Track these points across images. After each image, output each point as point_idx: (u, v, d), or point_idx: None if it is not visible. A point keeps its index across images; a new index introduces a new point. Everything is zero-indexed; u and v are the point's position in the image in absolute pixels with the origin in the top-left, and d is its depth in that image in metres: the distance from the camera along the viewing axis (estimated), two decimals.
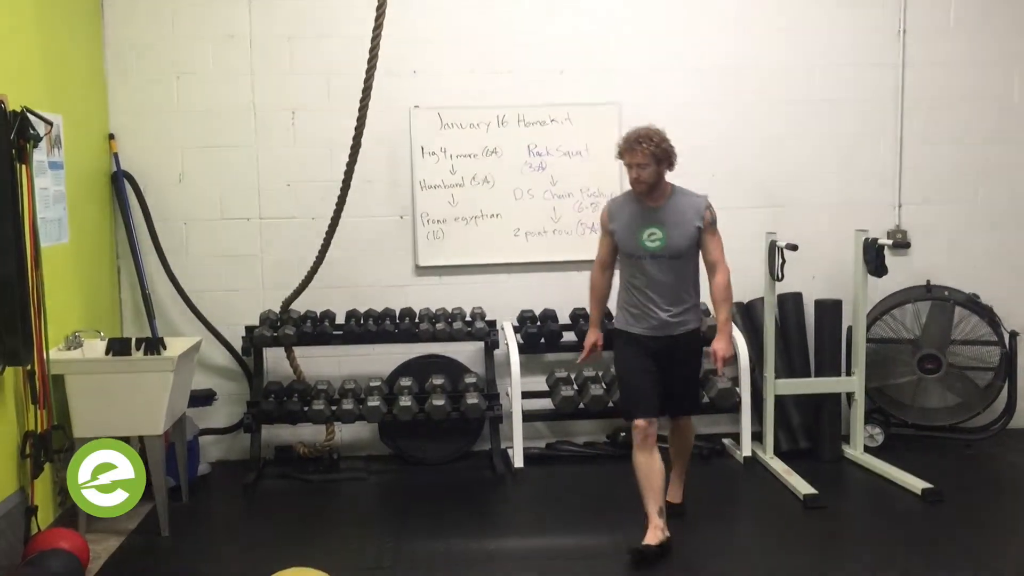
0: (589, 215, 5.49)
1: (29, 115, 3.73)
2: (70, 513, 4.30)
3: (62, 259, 4.38)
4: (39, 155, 4.04)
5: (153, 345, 4.48)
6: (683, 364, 4.09)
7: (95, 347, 4.44)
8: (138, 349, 4.46)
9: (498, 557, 4.05)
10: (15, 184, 3.61)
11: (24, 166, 3.74)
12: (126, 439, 4.37)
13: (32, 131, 3.75)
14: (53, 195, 4.31)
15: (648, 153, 3.88)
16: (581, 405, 5.12)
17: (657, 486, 3.94)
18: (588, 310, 4.40)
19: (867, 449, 5.22)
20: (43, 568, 3.42)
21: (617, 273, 4.21)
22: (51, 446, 3.91)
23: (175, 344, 4.54)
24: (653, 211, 3.99)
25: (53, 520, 4.18)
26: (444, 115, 5.39)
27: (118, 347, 4.43)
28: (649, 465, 3.93)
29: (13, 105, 3.70)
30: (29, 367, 3.79)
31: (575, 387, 5.18)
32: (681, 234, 3.97)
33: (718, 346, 3.96)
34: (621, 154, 3.99)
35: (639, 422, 3.95)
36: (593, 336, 4.29)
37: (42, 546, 3.68)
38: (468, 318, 5.28)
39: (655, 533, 3.89)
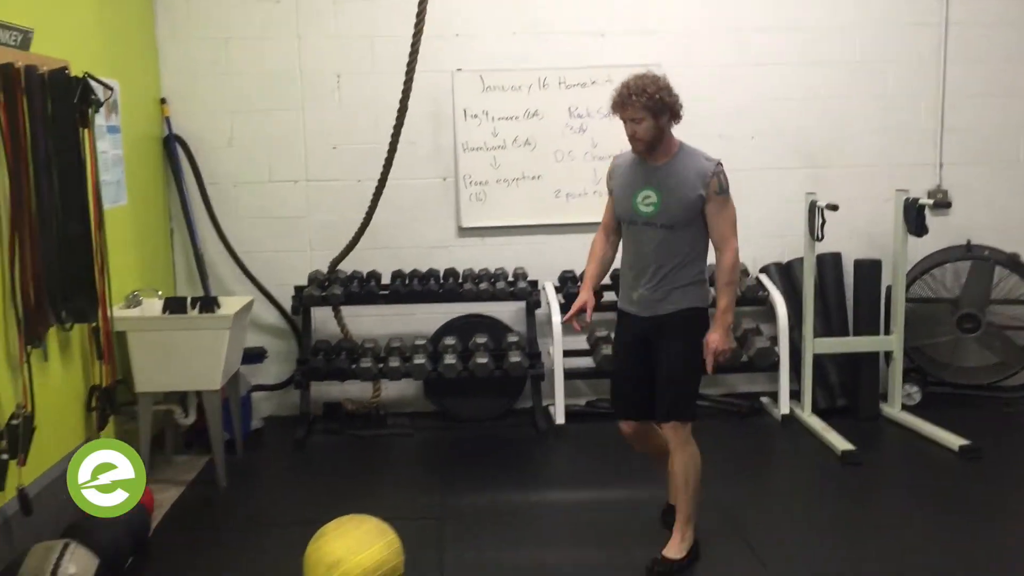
0: None
1: (91, 81, 3.85)
2: None
3: (121, 220, 4.53)
4: (99, 119, 4.17)
5: (208, 304, 4.63)
6: (664, 351, 3.43)
7: (153, 306, 4.60)
8: (193, 307, 4.60)
9: (541, 509, 4.19)
10: (80, 148, 3.74)
11: (87, 130, 3.87)
12: (183, 394, 4.60)
13: (93, 96, 3.88)
14: (112, 158, 4.45)
15: (641, 106, 3.33)
16: None
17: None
18: None
19: (904, 407, 5.29)
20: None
21: None
22: (115, 400, 4.10)
23: (229, 303, 4.69)
24: (653, 171, 3.44)
25: None
26: (486, 78, 5.45)
27: (174, 305, 4.58)
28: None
29: (75, 71, 3.82)
30: (94, 324, 3.96)
31: None
32: (678, 201, 3.37)
33: (711, 338, 3.39)
34: (614, 108, 3.46)
35: (620, 425, 3.66)
36: (582, 298, 3.59)
37: None
38: (510, 278, 5.39)
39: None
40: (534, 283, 5.39)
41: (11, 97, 3.25)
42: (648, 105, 3.33)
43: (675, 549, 3.50)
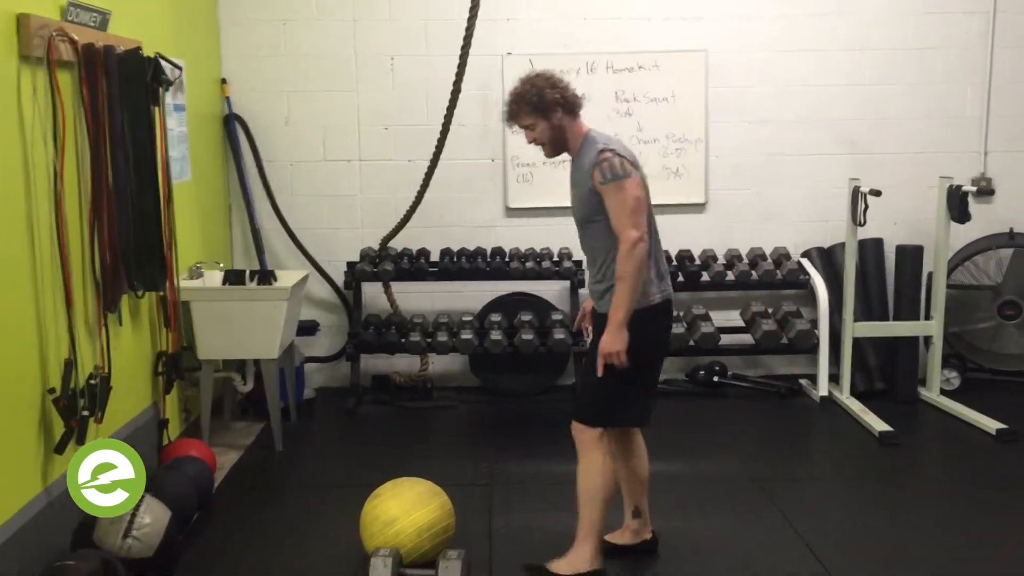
0: (674, 160, 5.67)
1: (161, 60, 4.04)
2: (193, 429, 4.72)
3: (185, 195, 4.72)
4: (166, 98, 4.36)
5: (265, 276, 4.83)
6: (592, 348, 3.27)
7: (214, 277, 4.80)
8: (251, 280, 4.81)
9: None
10: (151, 125, 3.93)
11: (157, 108, 4.06)
12: (241, 363, 4.80)
13: (164, 75, 4.06)
14: (177, 135, 4.64)
15: (527, 112, 3.23)
16: None
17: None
18: None
19: (943, 392, 5.35)
20: (181, 472, 3.81)
21: None
22: (181, 365, 4.30)
23: (286, 276, 4.89)
24: (572, 167, 3.33)
25: (179, 433, 4.60)
26: (535, 62, 5.53)
27: (234, 278, 4.79)
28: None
29: (147, 51, 4.01)
30: (162, 293, 4.16)
31: None
32: (577, 198, 3.28)
33: (603, 340, 3.11)
34: (507, 122, 3.38)
35: None
36: (584, 306, 3.52)
37: (176, 453, 4.09)
38: (555, 258, 5.52)
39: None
40: (578, 263, 5.51)
41: (92, 75, 3.43)
42: (532, 108, 3.22)
43: (563, 564, 3.27)
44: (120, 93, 3.64)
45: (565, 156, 5.38)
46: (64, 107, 3.25)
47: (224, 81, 5.48)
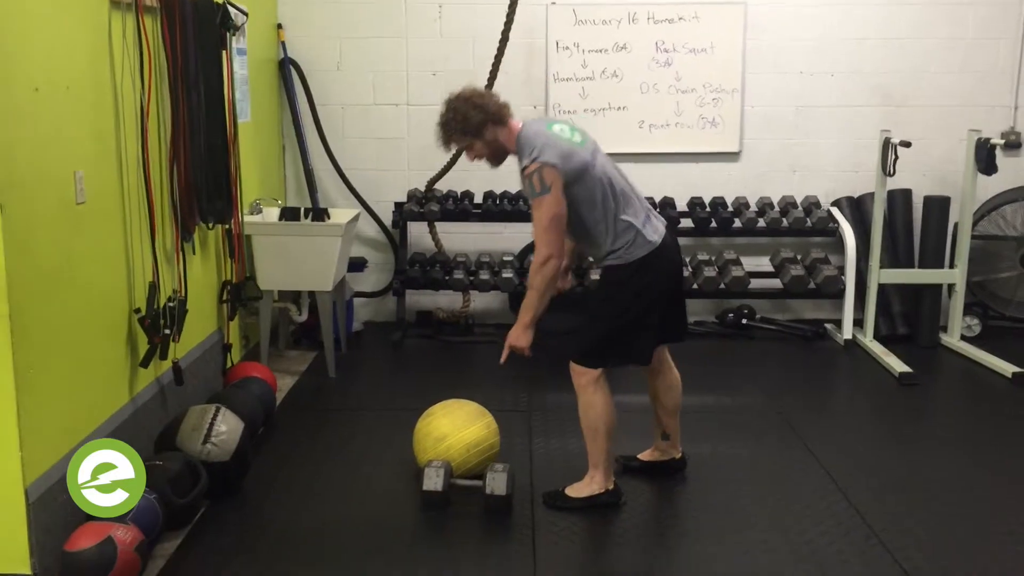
0: (711, 110, 5.85)
1: (229, 6, 4.29)
2: (252, 354, 5.06)
3: (245, 135, 4.99)
4: (232, 42, 4.61)
5: (319, 214, 5.13)
6: (591, 296, 3.48)
7: (272, 213, 5.10)
8: (306, 217, 5.10)
9: (617, 409, 4.61)
10: (221, 68, 4.20)
11: (224, 52, 4.32)
12: (297, 294, 5.11)
13: (231, 21, 4.32)
14: (239, 78, 4.90)
15: (457, 138, 3.36)
16: (695, 285, 5.58)
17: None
18: None
19: (963, 338, 5.57)
20: (248, 390, 4.15)
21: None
22: (244, 294, 4.62)
23: (338, 214, 5.17)
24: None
25: (240, 357, 4.93)
26: (579, 11, 5.76)
27: (289, 214, 5.08)
28: None
29: None
30: (227, 226, 4.46)
31: (690, 268, 5.65)
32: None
33: (511, 333, 3.46)
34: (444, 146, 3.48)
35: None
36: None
37: (241, 374, 4.42)
38: None
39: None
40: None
41: (171, 20, 3.69)
42: (462, 133, 3.33)
43: (578, 488, 3.53)
44: (194, 37, 3.90)
45: (607, 104, 5.53)
46: (150, 49, 3.51)
47: (280, 26, 5.72)
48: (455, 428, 3.67)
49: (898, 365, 5.05)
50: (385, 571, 3.10)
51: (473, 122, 3.30)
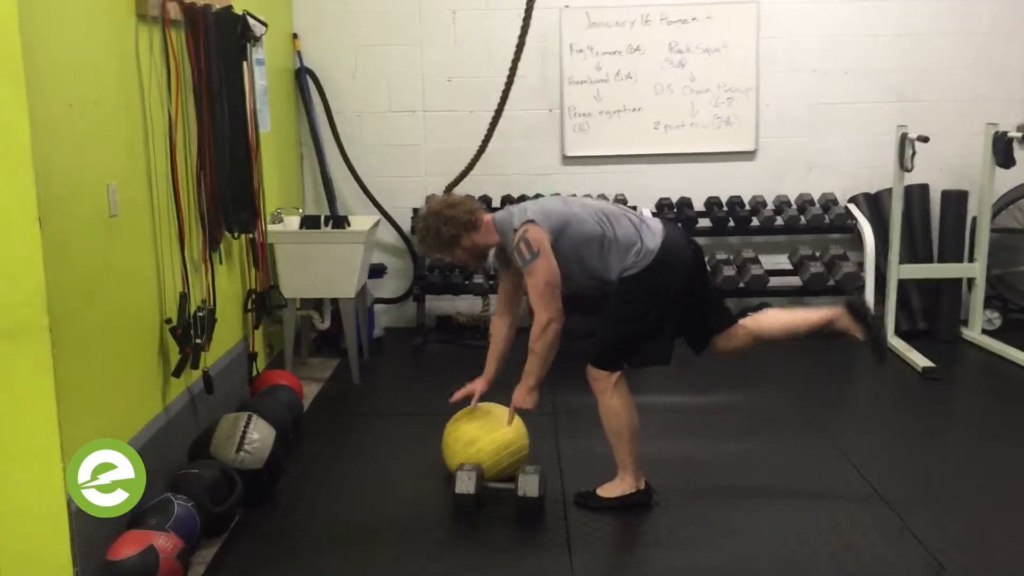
0: (725, 110, 5.87)
1: (249, 18, 4.32)
2: (276, 362, 5.09)
3: (266, 145, 5.02)
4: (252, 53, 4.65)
5: (339, 222, 5.15)
6: (609, 304, 3.57)
7: (293, 222, 5.13)
8: (326, 225, 5.13)
9: (643, 409, 4.53)
10: (242, 79, 4.23)
11: (245, 63, 4.35)
12: (319, 302, 5.14)
13: (251, 32, 4.35)
14: (260, 88, 4.93)
15: (437, 249, 3.53)
16: (715, 285, 5.59)
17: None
18: None
19: (984, 332, 5.57)
20: (276, 398, 4.18)
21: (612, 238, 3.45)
22: (269, 302, 4.65)
23: (359, 221, 5.20)
24: (502, 252, 3.57)
25: (265, 366, 4.96)
26: (592, 14, 5.79)
27: (310, 223, 5.11)
28: None
29: (236, 9, 4.29)
30: (252, 236, 4.49)
31: (709, 268, 5.65)
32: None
33: (516, 395, 3.59)
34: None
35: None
36: (474, 387, 3.90)
37: (268, 382, 4.45)
38: None
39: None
40: (633, 207, 5.75)
41: (195, 32, 3.72)
42: (439, 246, 3.48)
43: (610, 488, 3.55)
44: (217, 49, 3.93)
45: (621, 106, 5.58)
46: (177, 62, 3.55)
47: (295, 36, 5.76)
48: (485, 431, 3.70)
49: (920, 360, 5.05)
50: (422, 574, 3.12)
51: (445, 236, 3.42)
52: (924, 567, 3.07)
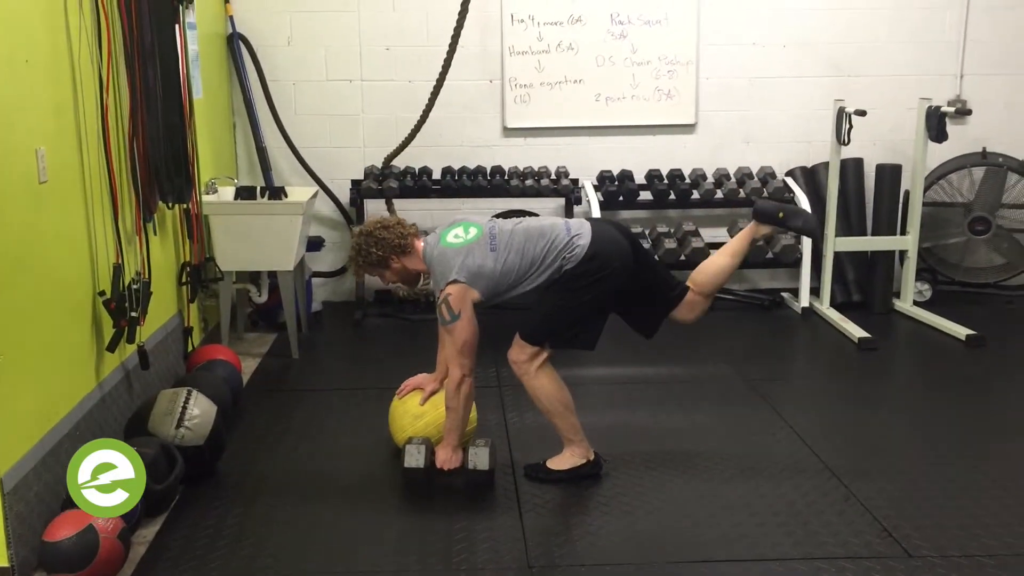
0: (666, 82, 5.87)
1: None
2: (212, 337, 4.94)
3: (198, 113, 4.83)
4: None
5: (275, 193, 5.01)
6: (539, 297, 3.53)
7: (227, 193, 4.97)
8: (262, 196, 4.98)
9: (587, 382, 4.60)
10: (175, 42, 4.05)
11: (177, 26, 4.17)
12: (256, 275, 5.01)
13: None
14: (191, 53, 4.75)
15: (368, 270, 3.52)
16: (655, 258, 5.60)
17: None
18: None
19: (916, 303, 5.70)
20: (214, 373, 4.05)
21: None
22: (204, 275, 4.50)
23: (297, 192, 5.06)
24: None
25: (200, 341, 4.81)
26: None
27: (245, 194, 4.95)
28: None
29: None
30: (185, 206, 4.34)
31: (649, 241, 5.67)
32: None
33: (439, 456, 3.46)
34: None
35: None
36: (421, 381, 3.80)
37: (205, 357, 4.31)
38: (553, 176, 5.74)
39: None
40: (575, 181, 5.74)
41: None
42: (369, 266, 3.48)
43: (559, 461, 3.55)
44: (148, 9, 3.76)
45: (563, 78, 5.55)
46: (108, 20, 3.38)
47: (227, 0, 5.56)
48: (433, 405, 3.63)
49: (856, 331, 5.15)
50: (373, 551, 3.06)
51: (374, 258, 3.43)
52: (872, 532, 3.12)
